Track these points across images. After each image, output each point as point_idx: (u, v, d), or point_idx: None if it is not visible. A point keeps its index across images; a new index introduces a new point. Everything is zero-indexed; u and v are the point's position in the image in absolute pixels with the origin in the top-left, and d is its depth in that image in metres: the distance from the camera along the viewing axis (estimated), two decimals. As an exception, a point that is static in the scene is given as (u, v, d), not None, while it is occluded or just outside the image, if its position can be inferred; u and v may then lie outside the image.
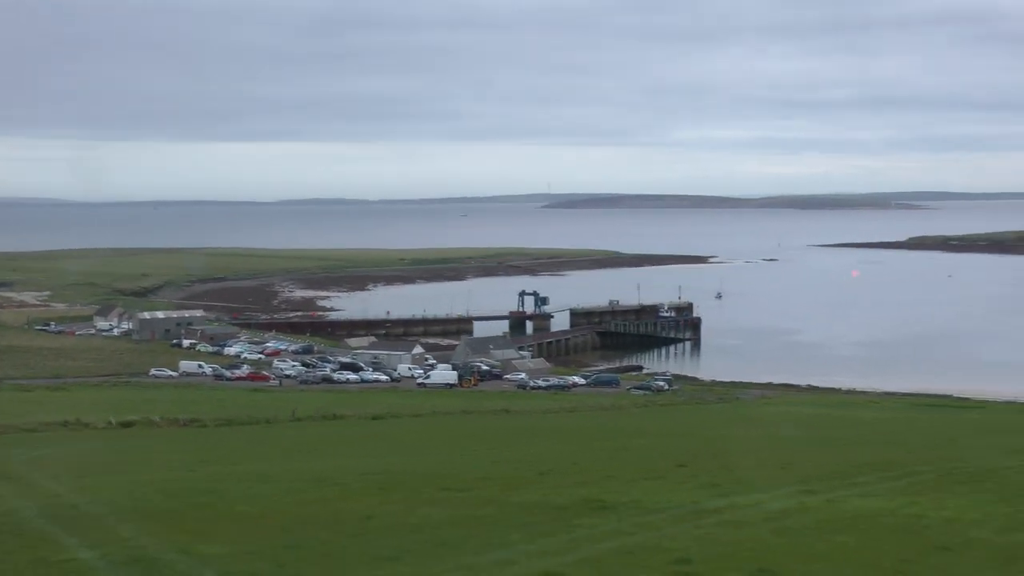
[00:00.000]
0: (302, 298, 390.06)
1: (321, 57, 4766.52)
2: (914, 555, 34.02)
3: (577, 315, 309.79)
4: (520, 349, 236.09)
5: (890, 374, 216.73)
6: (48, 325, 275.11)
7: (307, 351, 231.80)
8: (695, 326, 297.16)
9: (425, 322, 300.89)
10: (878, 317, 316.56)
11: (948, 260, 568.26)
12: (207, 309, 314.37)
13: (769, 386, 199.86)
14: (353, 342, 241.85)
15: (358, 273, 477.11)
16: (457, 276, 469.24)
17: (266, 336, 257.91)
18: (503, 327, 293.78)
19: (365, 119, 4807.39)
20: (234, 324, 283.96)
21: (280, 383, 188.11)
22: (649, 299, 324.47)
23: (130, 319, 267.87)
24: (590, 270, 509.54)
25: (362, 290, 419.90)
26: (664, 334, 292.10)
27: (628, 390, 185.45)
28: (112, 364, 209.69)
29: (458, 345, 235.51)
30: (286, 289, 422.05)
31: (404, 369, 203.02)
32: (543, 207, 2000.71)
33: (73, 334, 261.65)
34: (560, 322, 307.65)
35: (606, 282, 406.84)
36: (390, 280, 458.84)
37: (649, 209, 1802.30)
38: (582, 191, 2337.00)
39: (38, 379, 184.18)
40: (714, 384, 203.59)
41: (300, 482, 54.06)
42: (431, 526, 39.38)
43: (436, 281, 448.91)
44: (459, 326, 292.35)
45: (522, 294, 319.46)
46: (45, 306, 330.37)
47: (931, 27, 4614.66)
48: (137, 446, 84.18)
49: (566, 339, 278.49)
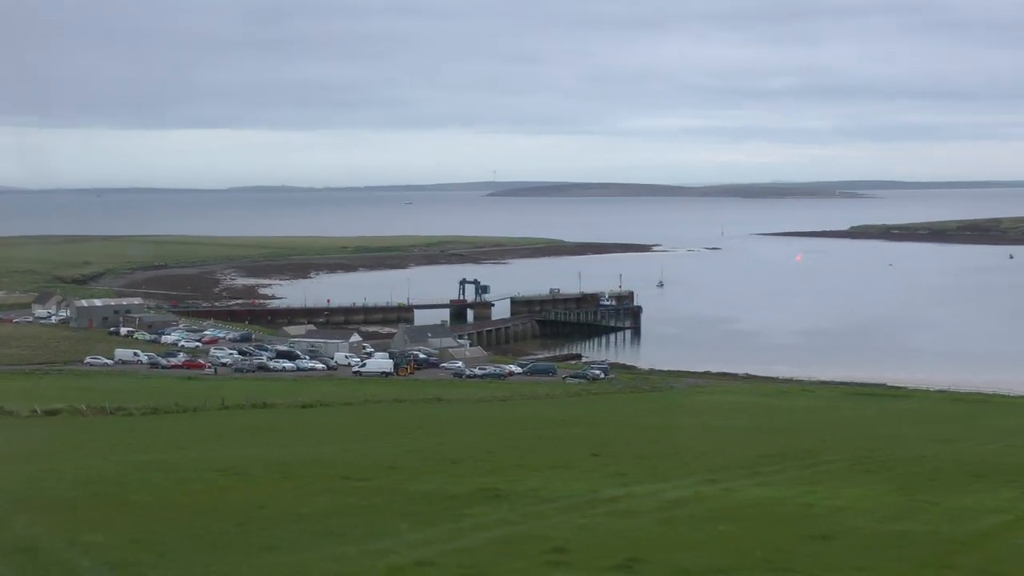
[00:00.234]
0: (243, 286, 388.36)
1: (266, 44, 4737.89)
2: (789, 543, 34.56)
3: (518, 303, 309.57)
4: (459, 337, 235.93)
5: (828, 363, 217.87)
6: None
7: (245, 339, 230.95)
8: (635, 315, 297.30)
9: (365, 310, 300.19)
10: (818, 306, 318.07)
11: (890, 249, 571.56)
12: (147, 297, 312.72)
13: (707, 375, 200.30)
14: (291, 330, 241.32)
15: (300, 261, 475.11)
16: (400, 264, 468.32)
17: (204, 324, 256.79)
18: (444, 315, 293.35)
19: (310, 106, 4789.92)
20: (173, 312, 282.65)
21: (215, 371, 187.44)
22: (590, 288, 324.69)
23: (68, 307, 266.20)
24: (533, 258, 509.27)
25: (304, 278, 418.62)
26: (604, 323, 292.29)
27: (564, 379, 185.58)
28: (47, 352, 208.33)
29: (396, 333, 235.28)
30: (228, 277, 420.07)
31: (341, 357, 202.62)
32: (488, 195, 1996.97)
33: (11, 321, 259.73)
34: (501, 310, 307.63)
35: (548, 270, 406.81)
36: (332, 268, 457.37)
37: (594, 198, 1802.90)
38: (528, 179, 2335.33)
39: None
40: (651, 373, 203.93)
41: (205, 471, 54.27)
42: (320, 515, 39.69)
43: (379, 269, 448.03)
44: (399, 314, 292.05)
45: (463, 282, 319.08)
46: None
47: (874, 16, 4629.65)
48: (56, 435, 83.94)
49: (506, 328, 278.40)
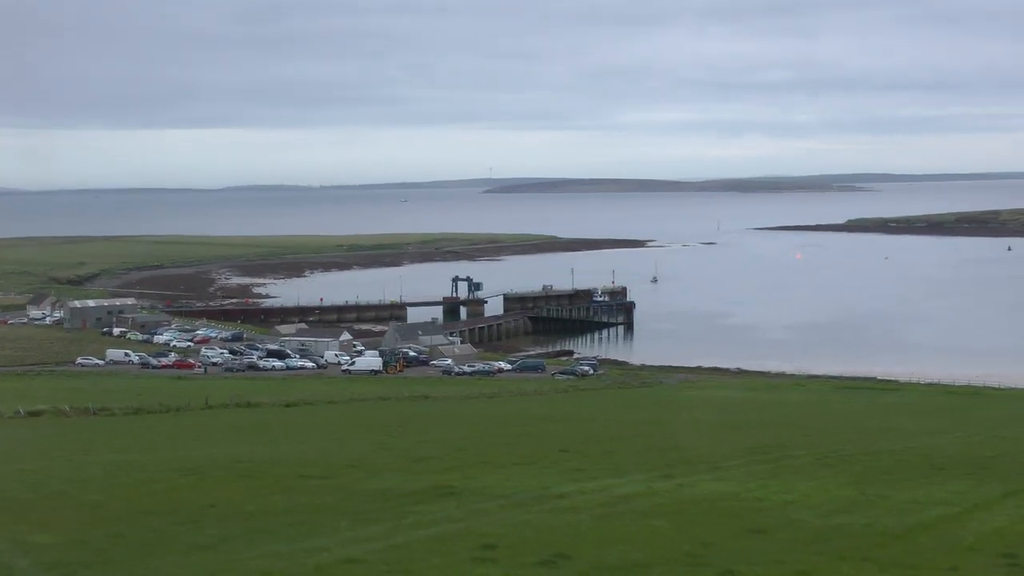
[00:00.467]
0: (238, 285, 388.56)
1: (261, 42, 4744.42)
2: (719, 538, 34.94)
3: (511, 300, 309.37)
4: (451, 335, 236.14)
5: (820, 357, 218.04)
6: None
7: (236, 338, 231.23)
8: (628, 310, 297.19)
9: (358, 308, 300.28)
10: (813, 300, 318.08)
11: (886, 242, 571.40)
12: (141, 297, 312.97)
13: (699, 370, 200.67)
14: (282, 329, 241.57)
15: (295, 260, 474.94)
16: (394, 262, 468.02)
17: (197, 324, 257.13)
18: (437, 313, 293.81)
19: (306, 105, 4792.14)
20: (167, 312, 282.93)
21: (205, 371, 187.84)
22: (584, 284, 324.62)
23: (62, 308, 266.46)
24: (527, 255, 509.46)
25: (298, 276, 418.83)
26: (597, 319, 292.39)
27: (553, 375, 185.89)
28: (40, 353, 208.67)
29: (387, 331, 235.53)
30: (222, 276, 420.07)
31: (331, 356, 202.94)
32: (485, 192, 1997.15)
33: (5, 323, 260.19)
34: (495, 307, 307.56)
35: (543, 267, 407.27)
36: (327, 266, 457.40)
37: (590, 193, 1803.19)
38: (524, 176, 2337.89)
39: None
40: (642, 368, 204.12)
41: (169, 471, 54.67)
42: (267, 514, 40.10)
43: (373, 267, 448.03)
44: (392, 312, 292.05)
45: (455, 280, 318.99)
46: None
47: (870, 8, 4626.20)
48: (33, 436, 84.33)
49: (498, 324, 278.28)
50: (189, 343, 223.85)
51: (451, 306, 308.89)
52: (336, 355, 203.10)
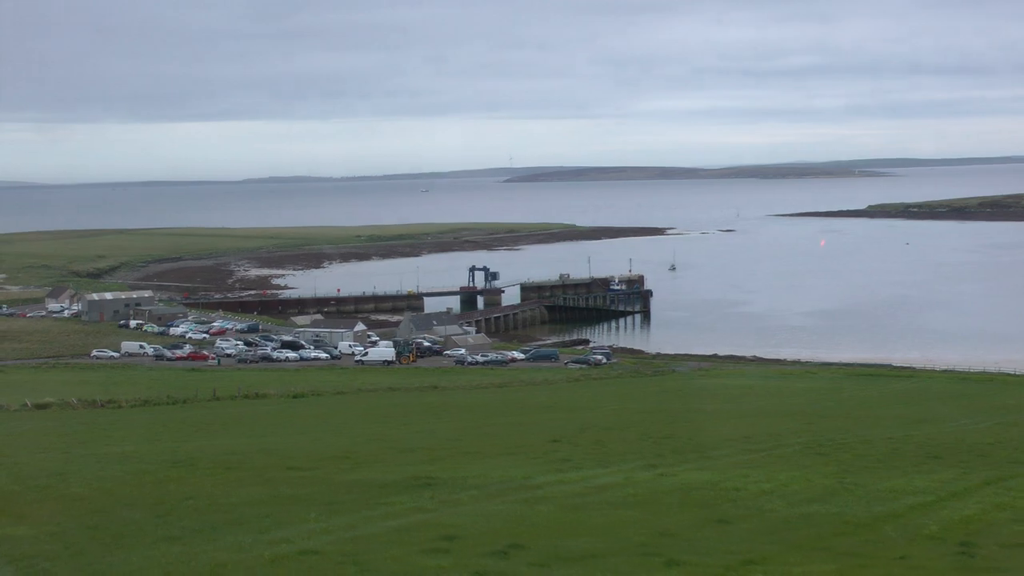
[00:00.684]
0: (257, 276, 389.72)
1: (277, 36, 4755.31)
2: (680, 528, 35.09)
3: (528, 289, 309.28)
4: (467, 325, 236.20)
5: (838, 344, 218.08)
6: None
7: (252, 330, 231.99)
8: (645, 299, 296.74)
9: (376, 299, 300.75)
10: (832, 287, 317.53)
11: (908, 227, 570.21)
12: (160, 289, 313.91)
13: (714, 358, 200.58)
14: (298, 320, 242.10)
15: (313, 251, 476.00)
16: (412, 252, 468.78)
17: (213, 316, 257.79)
18: (454, 303, 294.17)
19: (326, 97, 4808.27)
20: (185, 304, 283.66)
21: (219, 362, 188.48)
22: (601, 272, 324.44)
23: (80, 301, 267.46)
24: (546, 244, 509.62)
25: (317, 268, 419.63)
26: (614, 307, 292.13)
27: (566, 364, 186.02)
28: (56, 346, 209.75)
29: (401, 321, 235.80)
30: (241, 268, 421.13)
31: (345, 347, 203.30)
32: (505, 181, 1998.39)
33: (24, 316, 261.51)
34: (512, 297, 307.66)
35: (561, 256, 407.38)
36: (345, 257, 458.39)
37: (611, 181, 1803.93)
38: (545, 164, 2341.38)
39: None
40: (656, 357, 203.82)
41: (156, 463, 55.11)
42: (241, 505, 40.42)
43: (391, 258, 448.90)
44: (409, 302, 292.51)
45: (472, 269, 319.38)
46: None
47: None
48: (36, 428, 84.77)
49: (514, 314, 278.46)
50: (205, 335, 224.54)
51: (468, 296, 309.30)
52: (350, 346, 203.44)
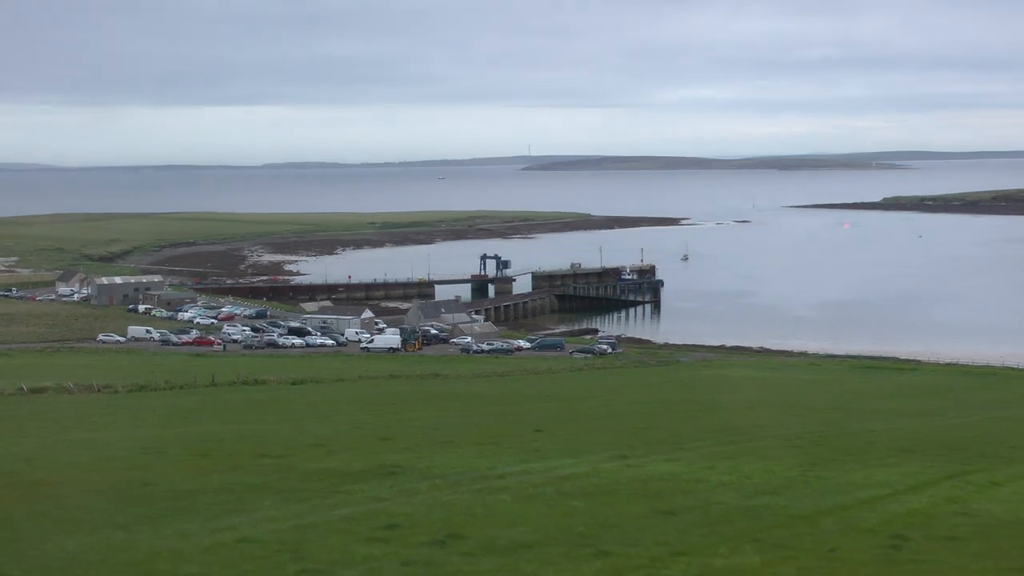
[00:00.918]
0: (269, 262, 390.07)
1: (301, 21, 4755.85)
2: (623, 520, 35.38)
3: (539, 278, 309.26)
4: (475, 313, 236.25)
5: (846, 336, 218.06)
6: (10, 291, 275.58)
7: (260, 316, 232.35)
8: (656, 289, 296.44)
9: (386, 286, 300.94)
10: (843, 279, 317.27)
11: (922, 221, 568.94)
12: (171, 274, 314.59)
13: (721, 349, 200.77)
14: (307, 306, 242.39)
15: (327, 237, 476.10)
16: (426, 240, 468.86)
17: (222, 301, 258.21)
18: (465, 291, 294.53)
19: (345, 83, 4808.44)
20: (195, 289, 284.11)
21: (224, 348, 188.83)
22: (613, 262, 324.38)
23: (90, 284, 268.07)
24: (560, 232, 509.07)
25: (330, 254, 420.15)
26: (624, 297, 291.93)
27: (571, 354, 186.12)
28: (63, 330, 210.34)
29: (410, 309, 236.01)
30: (254, 253, 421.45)
31: (351, 333, 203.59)
32: (523, 169, 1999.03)
33: (34, 299, 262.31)
34: (523, 285, 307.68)
35: (574, 245, 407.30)
36: (359, 244, 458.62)
37: (628, 171, 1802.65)
38: (562, 153, 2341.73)
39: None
40: (663, 347, 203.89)
41: (128, 449, 55.42)
42: (199, 493, 40.79)
43: (405, 245, 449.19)
44: (420, 290, 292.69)
45: (484, 257, 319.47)
46: (10, 271, 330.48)
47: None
48: (24, 413, 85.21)
49: (524, 303, 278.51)
50: (213, 320, 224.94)
51: (479, 284, 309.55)
52: (356, 333, 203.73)
